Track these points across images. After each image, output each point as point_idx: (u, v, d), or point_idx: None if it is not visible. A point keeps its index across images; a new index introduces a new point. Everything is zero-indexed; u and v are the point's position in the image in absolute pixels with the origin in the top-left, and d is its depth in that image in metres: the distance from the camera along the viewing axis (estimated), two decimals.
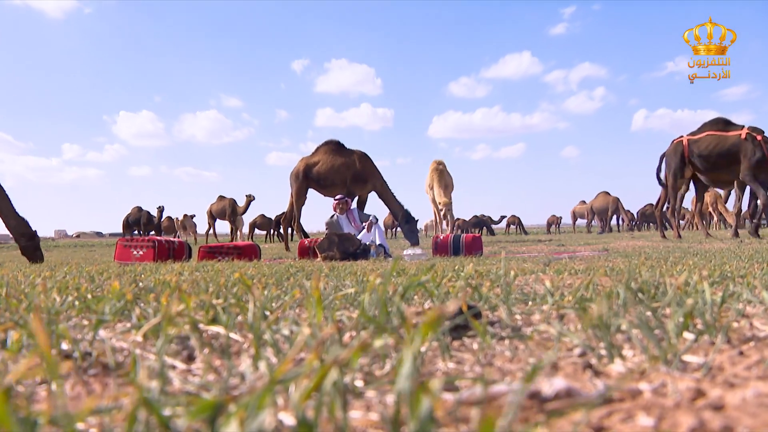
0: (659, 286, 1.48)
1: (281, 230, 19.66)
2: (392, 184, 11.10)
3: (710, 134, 10.02)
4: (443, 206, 13.54)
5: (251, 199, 21.37)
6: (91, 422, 0.56)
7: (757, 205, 9.91)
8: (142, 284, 2.00)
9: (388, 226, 29.77)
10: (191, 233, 25.07)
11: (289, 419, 0.54)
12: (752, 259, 3.47)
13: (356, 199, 11.38)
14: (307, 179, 11.45)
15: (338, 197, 7.37)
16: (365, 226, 6.92)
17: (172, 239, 6.67)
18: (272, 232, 25.13)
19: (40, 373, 0.49)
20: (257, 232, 25.85)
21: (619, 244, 8.90)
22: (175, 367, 0.82)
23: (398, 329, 0.90)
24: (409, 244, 9.82)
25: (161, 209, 22.93)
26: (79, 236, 55.21)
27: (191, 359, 0.87)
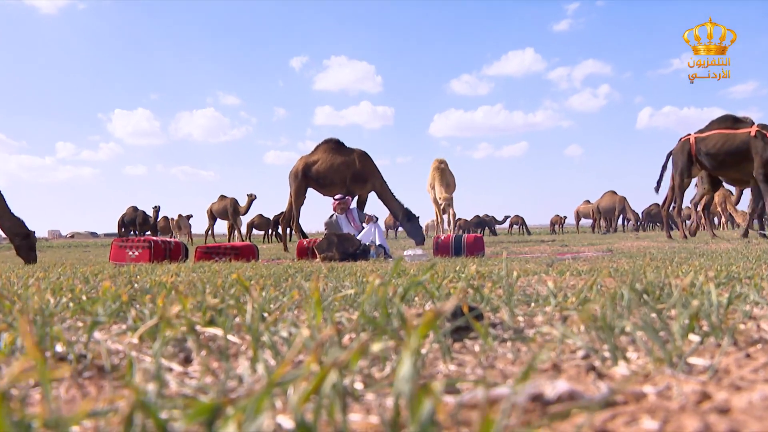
0: (664, 287, 1.47)
1: (279, 230, 19.44)
2: (392, 183, 11.07)
3: (718, 132, 9.68)
4: (443, 200, 13.41)
5: (253, 198, 20.82)
6: (86, 426, 0.55)
7: (764, 205, 9.70)
8: (137, 285, 1.99)
9: (388, 226, 29.70)
10: (186, 233, 24.74)
11: (287, 422, 0.54)
12: (760, 259, 3.45)
13: (356, 199, 11.34)
14: (306, 178, 11.37)
15: (338, 197, 7.37)
16: (365, 224, 6.91)
17: (168, 239, 6.68)
18: (270, 232, 24.90)
19: (34, 375, 0.48)
20: (255, 232, 25.59)
21: (623, 244, 8.87)
22: (171, 369, 0.82)
23: (398, 331, 0.89)
24: (413, 243, 9.78)
25: (157, 209, 22.46)
26: (73, 236, 54.62)
27: (188, 361, 0.87)
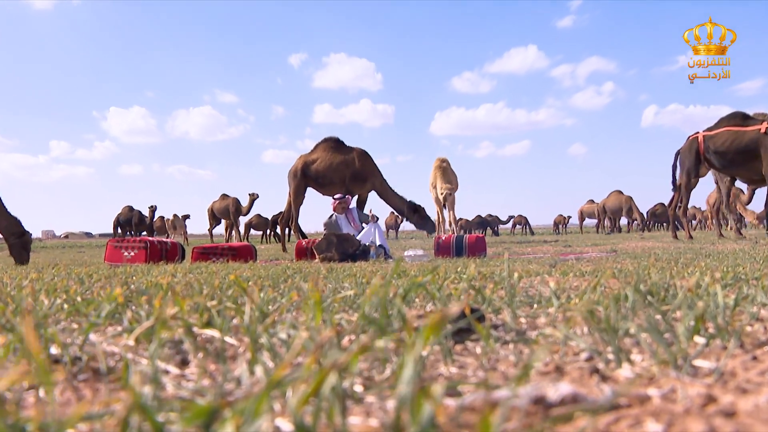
0: (669, 288, 1.46)
1: (278, 230, 19.26)
2: (392, 182, 11.02)
3: (727, 129, 9.42)
4: (444, 190, 13.22)
5: (255, 197, 20.42)
6: (81, 429, 0.55)
7: None
8: (134, 286, 1.98)
9: (389, 226, 29.66)
10: (182, 233, 24.40)
11: (286, 425, 0.53)
12: (767, 260, 3.44)
13: (356, 198, 11.31)
14: (305, 177, 11.31)
15: (337, 196, 7.36)
16: (366, 224, 6.89)
17: (164, 240, 6.69)
18: (268, 232, 24.64)
19: (28, 378, 0.48)
20: (253, 232, 25.34)
21: (628, 244, 8.85)
22: (168, 371, 0.81)
23: (399, 332, 0.88)
24: (413, 244, 9.74)
25: (153, 209, 22.23)
26: (67, 237, 54.37)
27: (185, 364, 0.86)
